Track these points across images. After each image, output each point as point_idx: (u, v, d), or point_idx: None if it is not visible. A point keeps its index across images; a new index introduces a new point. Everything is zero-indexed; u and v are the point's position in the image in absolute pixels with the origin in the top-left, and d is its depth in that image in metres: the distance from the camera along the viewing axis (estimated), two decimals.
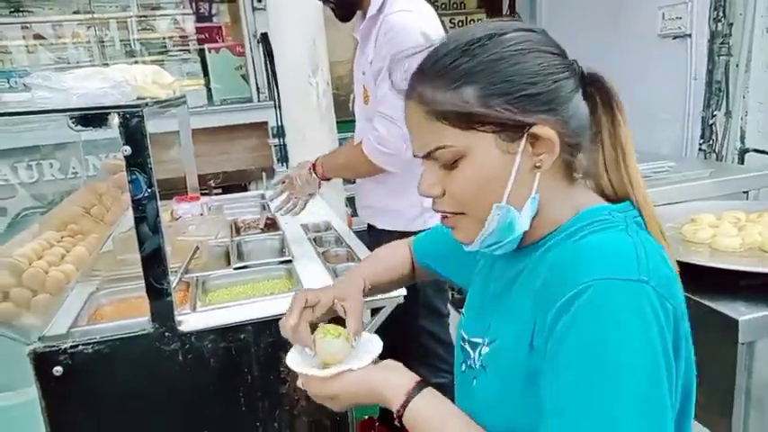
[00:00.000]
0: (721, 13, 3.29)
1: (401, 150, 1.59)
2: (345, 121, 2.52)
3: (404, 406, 0.65)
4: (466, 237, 0.68)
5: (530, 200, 0.64)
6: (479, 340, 0.72)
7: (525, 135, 0.62)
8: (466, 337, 0.77)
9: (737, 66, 3.41)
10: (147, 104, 1.14)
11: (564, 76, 0.63)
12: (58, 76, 1.21)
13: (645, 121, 3.73)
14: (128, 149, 1.08)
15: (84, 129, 1.04)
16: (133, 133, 1.08)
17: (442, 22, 1.74)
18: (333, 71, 2.78)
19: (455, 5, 5.63)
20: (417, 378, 0.68)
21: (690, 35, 3.34)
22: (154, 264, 1.17)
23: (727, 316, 1.16)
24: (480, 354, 0.71)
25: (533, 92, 0.61)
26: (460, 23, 5.40)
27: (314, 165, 1.80)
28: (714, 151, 3.52)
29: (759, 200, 2.10)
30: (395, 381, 0.67)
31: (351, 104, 1.96)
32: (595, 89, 0.67)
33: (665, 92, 3.56)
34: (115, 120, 1.09)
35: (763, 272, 1.20)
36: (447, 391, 0.70)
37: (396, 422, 0.66)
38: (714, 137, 3.52)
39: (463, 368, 0.76)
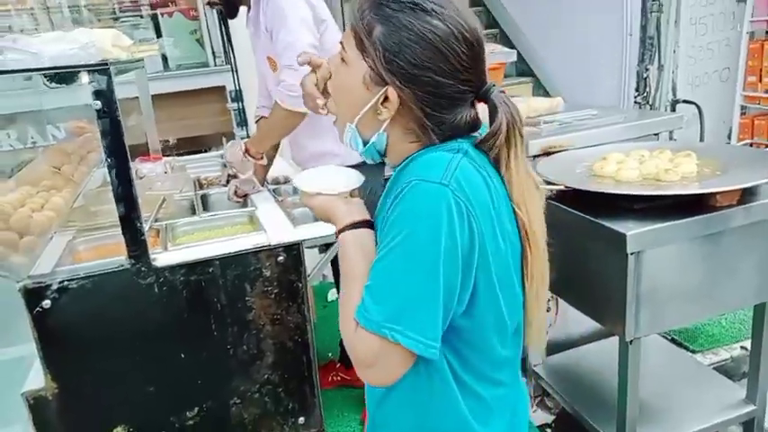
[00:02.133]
0: None
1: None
2: None
3: (340, 231, 0.86)
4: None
5: (377, 134, 0.84)
6: None
7: (383, 89, 0.79)
8: None
9: (668, 21, 3.66)
10: (113, 63, 1.27)
11: (448, 81, 0.78)
12: (26, 39, 1.32)
13: (585, 73, 3.97)
14: (98, 104, 1.22)
15: (57, 86, 1.17)
16: (103, 89, 1.21)
17: None
18: None
19: None
20: (365, 218, 0.88)
21: None
22: (128, 205, 1.32)
23: (617, 231, 1.39)
24: None
25: (404, 66, 0.77)
26: None
27: (246, 148, 1.95)
28: (648, 103, 3.79)
29: (671, 142, 2.36)
30: (347, 212, 0.88)
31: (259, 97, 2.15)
32: (504, 108, 0.82)
33: (603, 46, 3.79)
34: (85, 78, 1.22)
35: (648, 194, 1.43)
36: None
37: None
38: (648, 89, 3.79)
39: None
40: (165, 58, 4.47)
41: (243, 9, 1.98)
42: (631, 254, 1.39)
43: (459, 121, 0.81)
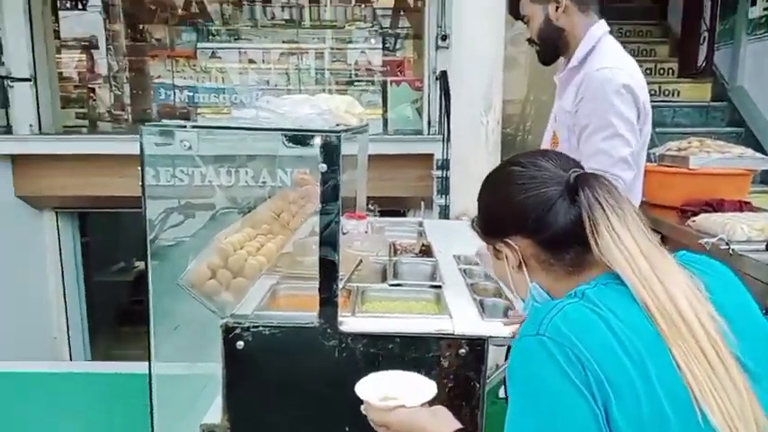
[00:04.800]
0: None
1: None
2: None
3: None
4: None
5: (530, 288, 0.86)
6: None
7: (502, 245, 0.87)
8: None
9: None
10: (344, 131, 1.33)
11: (539, 199, 0.81)
12: (278, 100, 1.47)
13: None
14: (324, 167, 1.28)
15: (294, 146, 1.26)
16: (330, 154, 1.27)
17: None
18: (505, 109, 2.87)
19: (644, 53, 5.40)
20: (458, 426, 0.83)
21: None
22: (328, 268, 1.35)
23: None
24: None
25: (501, 221, 0.87)
26: (648, 71, 5.16)
27: None
28: None
29: None
30: (437, 425, 0.84)
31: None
32: (584, 192, 0.79)
33: None
34: (317, 141, 1.29)
35: None
36: None
37: None
38: None
39: None
40: (385, 122, 4.83)
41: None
42: None
43: (560, 223, 0.80)
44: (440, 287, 1.79)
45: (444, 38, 3.98)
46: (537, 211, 0.81)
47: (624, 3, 5.97)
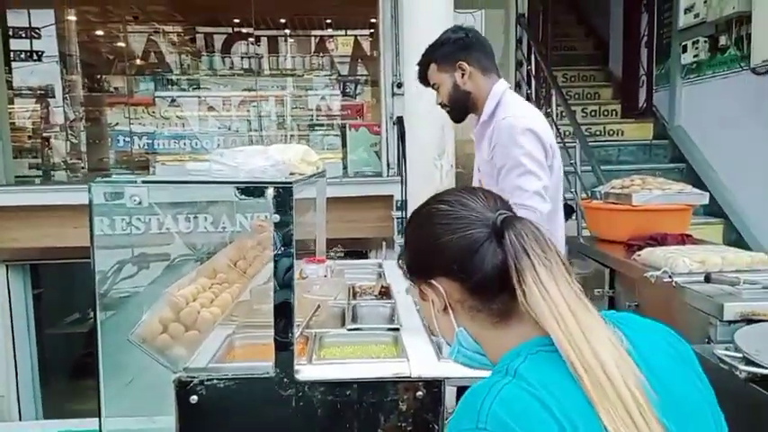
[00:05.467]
0: None
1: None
2: None
3: None
4: None
5: (456, 333, 0.82)
6: None
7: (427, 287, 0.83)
8: None
9: None
10: (296, 181, 1.37)
11: (464, 241, 0.77)
12: (231, 152, 1.50)
13: None
14: (277, 218, 1.31)
15: (246, 198, 1.29)
16: (283, 204, 1.30)
17: (573, 112, 1.90)
18: (459, 149, 2.98)
19: (588, 96, 5.69)
20: None
21: None
22: (283, 315, 1.36)
23: None
24: None
25: (426, 261, 0.82)
26: (593, 113, 5.43)
27: None
28: None
29: None
30: None
31: None
32: (510, 237, 0.76)
33: None
34: (270, 192, 1.32)
35: None
36: None
37: None
38: None
39: None
40: (345, 165, 4.91)
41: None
42: None
43: (486, 267, 0.76)
44: (398, 329, 1.81)
45: (399, 85, 4.12)
46: (462, 253, 0.77)
47: (569, 50, 6.32)
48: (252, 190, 1.30)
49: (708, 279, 1.85)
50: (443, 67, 1.84)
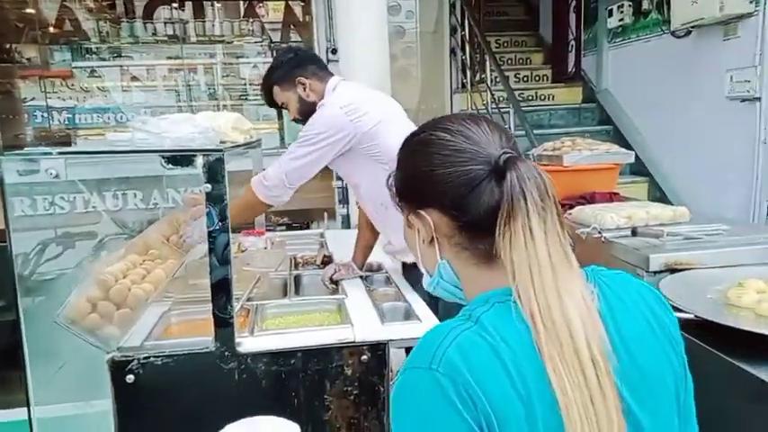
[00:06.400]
0: None
1: (278, 187, 1.87)
2: None
3: None
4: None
5: (438, 265, 0.79)
6: None
7: (415, 217, 0.79)
8: None
9: None
10: (227, 149, 1.31)
11: (462, 176, 0.73)
12: (155, 120, 1.42)
13: (711, 183, 3.66)
14: (208, 187, 1.25)
15: (173, 167, 1.22)
16: (214, 173, 1.25)
17: (507, 78, 1.90)
18: None
19: (521, 61, 5.78)
20: None
21: (759, 98, 3.29)
22: (221, 291, 1.32)
23: (761, 380, 1.16)
24: None
25: (418, 190, 0.78)
26: (525, 78, 5.54)
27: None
28: None
29: None
30: None
31: None
32: (511, 177, 0.71)
33: (732, 155, 3.50)
34: (200, 161, 1.26)
35: None
36: None
37: None
38: None
39: None
40: (282, 136, 4.78)
41: None
42: None
43: (481, 206, 0.72)
44: (341, 297, 1.80)
45: (334, 51, 4.03)
46: (458, 189, 0.72)
47: (500, 16, 6.37)
48: (179, 159, 1.23)
49: (634, 233, 1.94)
50: (285, 87, 1.91)
